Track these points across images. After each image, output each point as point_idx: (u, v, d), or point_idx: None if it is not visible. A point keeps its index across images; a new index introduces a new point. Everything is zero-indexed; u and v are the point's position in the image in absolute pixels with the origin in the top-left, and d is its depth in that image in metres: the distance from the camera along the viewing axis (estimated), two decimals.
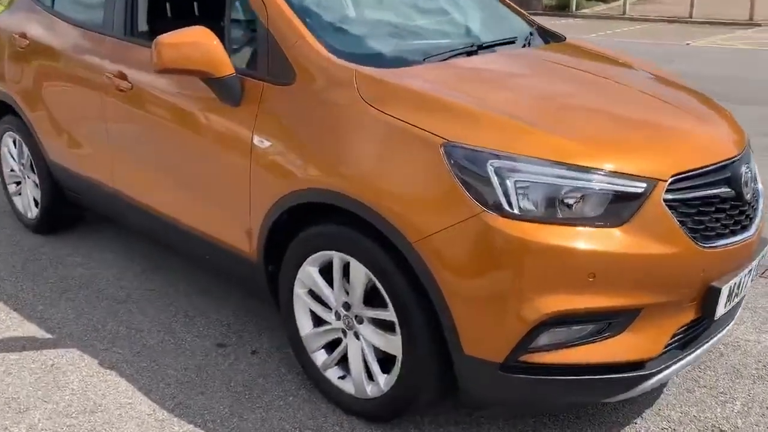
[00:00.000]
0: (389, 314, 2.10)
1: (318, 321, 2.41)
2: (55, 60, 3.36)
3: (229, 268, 2.73)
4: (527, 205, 1.85)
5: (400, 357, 2.12)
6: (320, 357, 2.42)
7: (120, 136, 3.04)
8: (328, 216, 2.23)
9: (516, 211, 1.84)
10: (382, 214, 2.00)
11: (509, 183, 1.85)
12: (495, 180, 1.86)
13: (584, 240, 1.84)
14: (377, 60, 2.36)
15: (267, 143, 2.32)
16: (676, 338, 2.02)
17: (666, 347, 1.99)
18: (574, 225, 1.86)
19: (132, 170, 3.03)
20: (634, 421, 2.31)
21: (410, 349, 2.07)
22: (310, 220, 2.30)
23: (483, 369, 1.96)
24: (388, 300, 2.08)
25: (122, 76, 2.91)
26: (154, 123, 2.81)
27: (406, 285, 2.03)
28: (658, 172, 1.91)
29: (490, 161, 1.88)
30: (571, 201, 1.85)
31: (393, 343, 2.12)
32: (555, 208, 1.85)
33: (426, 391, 2.12)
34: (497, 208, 1.84)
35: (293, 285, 2.39)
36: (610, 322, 1.93)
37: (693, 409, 2.37)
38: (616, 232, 1.86)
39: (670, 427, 2.28)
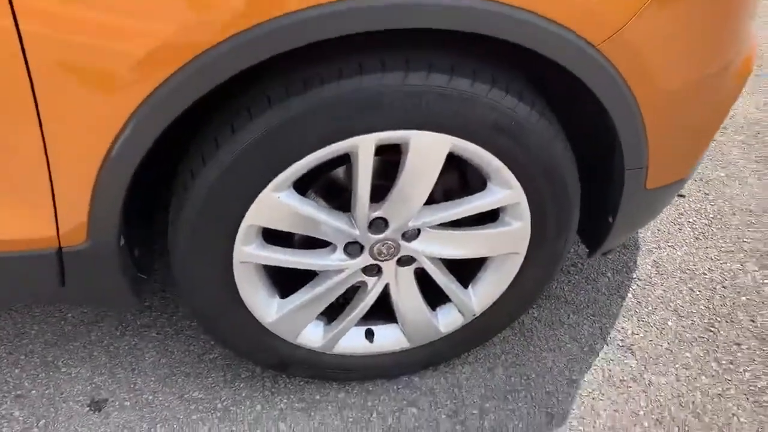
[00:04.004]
0: (500, 199, 1.11)
1: (288, 285, 1.20)
2: None
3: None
4: None
5: (521, 254, 1.21)
6: (315, 335, 1.27)
7: None
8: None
9: None
10: (531, 8, 0.88)
11: None
12: None
13: None
14: None
15: None
16: None
17: None
18: None
19: None
20: None
21: (545, 236, 1.18)
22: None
23: (660, 197, 1.25)
24: (512, 178, 1.07)
25: None
26: None
27: (554, 136, 1.06)
28: None
29: None
30: None
31: (508, 240, 1.18)
32: None
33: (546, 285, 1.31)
34: None
35: (231, 247, 1.07)
36: None
37: None
38: None
39: None
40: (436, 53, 0.96)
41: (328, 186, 1.15)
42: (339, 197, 1.15)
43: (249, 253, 1.10)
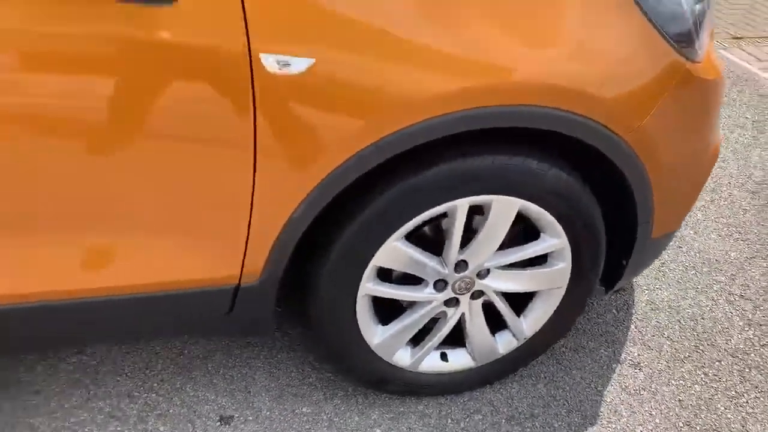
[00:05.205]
0: (550, 245, 1.52)
1: (388, 314, 1.57)
2: None
3: (182, 317, 1.41)
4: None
5: (563, 288, 1.61)
6: (405, 356, 1.62)
7: None
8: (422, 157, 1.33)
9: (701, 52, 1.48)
10: (580, 112, 1.31)
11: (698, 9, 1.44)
12: (687, 8, 1.41)
13: None
14: None
15: (299, 63, 1.13)
16: None
17: None
18: None
19: None
20: None
21: (581, 274, 1.59)
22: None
23: (660, 244, 1.68)
24: (561, 230, 1.49)
25: None
26: None
27: (589, 198, 1.48)
28: None
29: None
30: None
31: (554, 277, 1.58)
32: None
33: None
34: (691, 52, 1.44)
35: (358, 283, 1.44)
36: None
37: None
38: None
39: None
40: (515, 144, 1.38)
41: (419, 237, 1.53)
42: (426, 245, 1.52)
43: (370, 287, 1.47)
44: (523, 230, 1.57)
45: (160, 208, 1.22)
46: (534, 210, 1.46)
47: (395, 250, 1.43)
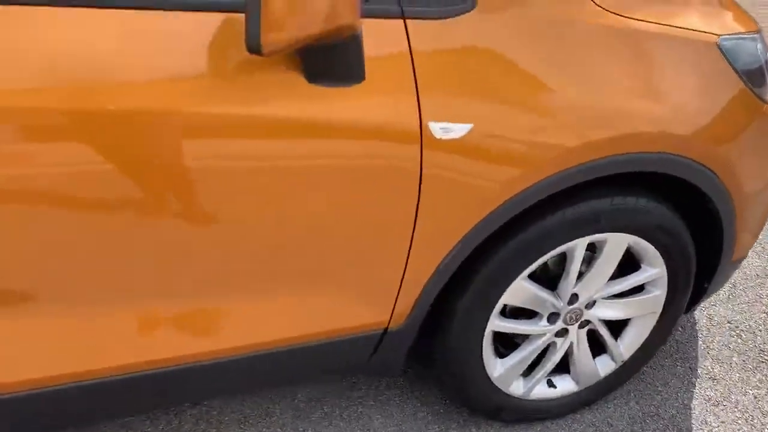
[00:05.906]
0: (650, 275, 1.66)
1: (501, 349, 1.70)
2: None
3: (331, 363, 1.50)
4: None
5: (657, 313, 1.75)
6: (519, 386, 1.74)
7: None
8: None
9: None
10: (688, 155, 1.48)
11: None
12: (761, 55, 1.60)
13: None
14: None
15: (459, 128, 1.26)
16: None
17: None
18: None
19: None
20: None
21: (674, 299, 1.74)
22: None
23: (735, 267, 1.84)
24: (661, 260, 1.64)
25: None
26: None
27: (685, 231, 1.63)
28: None
29: (759, 44, 1.59)
30: None
31: (651, 303, 1.73)
32: None
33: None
34: (763, 92, 1.62)
35: (488, 319, 1.56)
36: None
37: None
38: None
39: None
40: (627, 186, 1.54)
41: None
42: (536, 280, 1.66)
43: (496, 323, 1.59)
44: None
45: (329, 263, 1.33)
46: (641, 244, 1.61)
47: (522, 288, 1.55)
